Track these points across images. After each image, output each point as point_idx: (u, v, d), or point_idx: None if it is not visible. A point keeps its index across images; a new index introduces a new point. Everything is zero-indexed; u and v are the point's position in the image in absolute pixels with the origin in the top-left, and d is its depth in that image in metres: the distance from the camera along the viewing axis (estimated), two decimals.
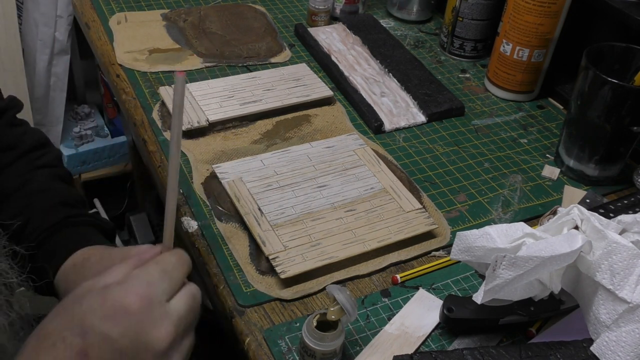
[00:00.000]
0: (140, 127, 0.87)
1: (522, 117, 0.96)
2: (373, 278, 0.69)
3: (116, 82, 0.94)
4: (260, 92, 0.92)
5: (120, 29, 1.04)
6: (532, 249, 0.55)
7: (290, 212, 0.73)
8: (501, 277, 0.54)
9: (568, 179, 0.85)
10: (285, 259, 0.67)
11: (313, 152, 0.82)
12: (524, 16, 0.91)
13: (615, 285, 0.53)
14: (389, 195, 0.77)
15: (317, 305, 0.65)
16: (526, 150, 0.89)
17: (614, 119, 0.77)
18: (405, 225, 0.73)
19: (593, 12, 0.94)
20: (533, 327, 0.64)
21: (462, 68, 1.06)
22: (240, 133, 0.87)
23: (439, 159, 0.86)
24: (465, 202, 0.80)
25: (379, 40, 1.07)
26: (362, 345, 0.62)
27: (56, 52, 1.39)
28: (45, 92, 1.43)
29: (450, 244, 0.73)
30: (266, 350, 0.61)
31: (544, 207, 0.80)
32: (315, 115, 0.91)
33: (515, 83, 0.97)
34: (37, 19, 1.33)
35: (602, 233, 0.55)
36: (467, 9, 1.02)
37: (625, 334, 0.54)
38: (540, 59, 0.94)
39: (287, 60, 1.03)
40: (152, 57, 0.99)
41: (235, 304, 0.65)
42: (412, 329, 0.63)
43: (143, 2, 1.13)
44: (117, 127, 1.59)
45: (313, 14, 1.10)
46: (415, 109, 0.94)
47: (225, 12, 1.12)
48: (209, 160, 0.81)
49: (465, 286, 0.69)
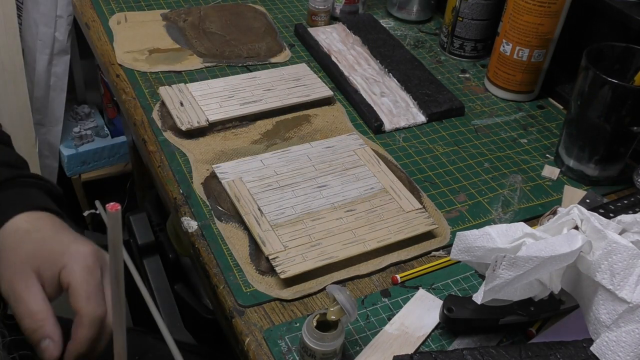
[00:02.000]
0: (140, 127, 0.87)
1: (522, 117, 0.96)
2: (373, 278, 0.69)
3: (116, 82, 0.94)
4: (260, 92, 0.92)
5: (120, 29, 1.04)
6: (532, 249, 0.55)
7: (290, 212, 0.73)
8: (501, 277, 0.54)
9: (568, 179, 0.85)
10: (285, 259, 0.67)
11: (313, 152, 0.82)
12: (524, 16, 0.91)
13: (615, 285, 0.53)
14: (389, 195, 0.76)
15: (317, 305, 0.65)
16: (526, 150, 0.89)
17: (614, 119, 0.77)
18: (405, 225, 0.73)
19: (593, 12, 0.94)
20: (533, 327, 0.64)
21: (462, 68, 1.06)
22: (240, 133, 0.87)
23: (439, 159, 0.86)
24: (465, 202, 0.80)
25: (379, 40, 1.07)
26: (362, 345, 0.62)
27: (56, 52, 1.39)
28: (45, 92, 1.43)
29: (450, 244, 0.73)
30: (266, 350, 0.61)
31: (544, 207, 0.80)
32: (315, 115, 0.91)
33: (515, 83, 0.97)
34: (37, 19, 1.33)
35: (602, 233, 0.55)
36: (467, 9, 1.02)
37: (625, 334, 0.54)
38: (540, 59, 0.94)
39: (287, 60, 1.03)
40: (152, 57, 0.99)
41: (235, 304, 0.65)
42: (412, 329, 0.63)
43: (143, 2, 1.13)
44: (117, 127, 1.59)
45: (313, 14, 1.10)
46: (415, 109, 0.94)
47: (225, 12, 1.12)
48: (209, 160, 0.81)
49: (465, 286, 0.69)
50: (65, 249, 0.53)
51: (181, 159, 0.81)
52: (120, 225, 0.41)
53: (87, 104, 1.61)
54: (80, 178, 1.57)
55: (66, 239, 0.55)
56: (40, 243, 0.54)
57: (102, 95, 1.58)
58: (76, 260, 0.52)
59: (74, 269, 0.52)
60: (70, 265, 0.52)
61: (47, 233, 0.55)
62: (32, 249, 0.53)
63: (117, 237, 0.41)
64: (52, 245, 0.54)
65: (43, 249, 0.53)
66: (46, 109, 1.45)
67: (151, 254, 1.20)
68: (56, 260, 0.52)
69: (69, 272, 0.52)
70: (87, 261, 0.53)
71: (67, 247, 0.53)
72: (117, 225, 0.40)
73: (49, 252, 0.53)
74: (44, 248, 0.54)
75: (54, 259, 0.53)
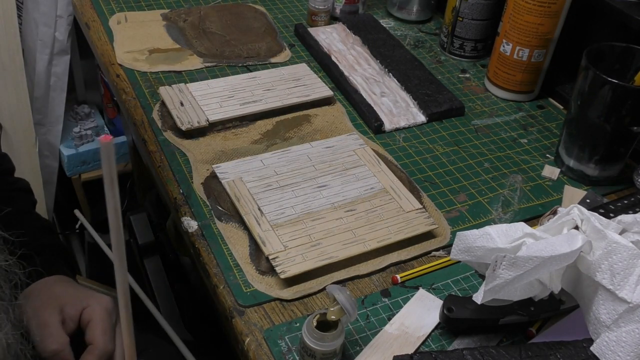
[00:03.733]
0: (140, 127, 0.87)
1: (522, 117, 0.96)
2: (373, 278, 0.69)
3: (116, 82, 0.94)
4: (260, 92, 0.92)
5: (120, 29, 1.04)
6: (532, 249, 0.55)
7: (290, 212, 0.73)
8: (501, 277, 0.54)
9: (568, 179, 0.85)
10: (285, 259, 0.67)
11: (313, 152, 0.82)
12: (524, 16, 0.91)
13: (615, 285, 0.53)
14: (389, 195, 0.76)
15: (317, 305, 0.65)
16: (526, 150, 0.89)
17: (614, 119, 0.77)
18: (405, 225, 0.73)
19: (593, 12, 0.94)
20: (533, 327, 0.64)
21: (462, 68, 1.06)
22: (240, 133, 0.87)
23: (439, 159, 0.86)
24: (465, 202, 0.80)
25: (379, 40, 1.07)
26: (362, 345, 0.62)
27: (56, 52, 1.39)
28: (45, 92, 1.42)
29: (450, 244, 0.73)
30: (266, 350, 0.61)
31: (544, 207, 0.80)
32: (315, 115, 0.91)
33: (515, 83, 0.97)
34: (37, 19, 1.33)
35: (602, 233, 0.55)
36: (467, 9, 1.02)
37: (625, 334, 0.54)
38: (540, 59, 0.94)
39: (287, 60, 1.03)
40: (152, 57, 0.99)
41: (235, 304, 0.65)
42: (412, 329, 0.63)
43: (143, 2, 1.13)
44: (117, 127, 1.59)
45: (313, 14, 1.10)
46: (415, 109, 0.94)
47: (225, 12, 1.12)
48: (209, 160, 0.81)
49: (465, 286, 0.69)
50: (90, 294, 0.63)
51: (181, 159, 0.81)
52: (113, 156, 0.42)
53: (87, 104, 1.61)
54: (80, 178, 1.56)
55: (88, 290, 0.65)
56: (66, 288, 0.64)
57: (102, 95, 1.58)
58: (99, 302, 0.62)
59: (95, 308, 0.61)
60: (93, 306, 0.62)
61: (73, 285, 0.66)
62: (60, 292, 0.63)
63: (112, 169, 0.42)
64: (77, 291, 0.64)
65: (68, 292, 0.63)
66: (46, 109, 1.45)
67: (151, 254, 1.20)
68: (81, 301, 0.62)
69: (91, 310, 0.61)
70: (107, 305, 0.62)
71: (91, 293, 0.64)
72: (111, 156, 0.41)
73: (74, 295, 0.63)
74: (69, 291, 0.64)
75: (79, 300, 0.62)
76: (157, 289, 1.15)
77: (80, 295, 0.63)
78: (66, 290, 0.64)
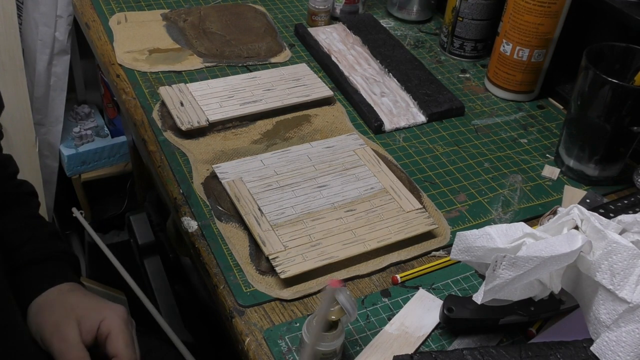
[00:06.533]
0: (140, 127, 0.87)
1: (522, 117, 0.96)
2: (373, 278, 0.69)
3: (116, 82, 0.94)
4: (260, 92, 0.92)
5: (120, 29, 1.04)
6: (532, 249, 0.55)
7: (290, 212, 0.73)
8: (501, 277, 0.54)
9: (568, 179, 0.85)
10: (285, 259, 0.67)
11: (313, 152, 0.82)
12: (524, 16, 0.91)
13: (615, 285, 0.53)
14: (389, 195, 0.76)
15: (317, 305, 0.65)
16: (526, 150, 0.89)
17: (614, 119, 0.77)
18: (405, 225, 0.73)
19: (593, 12, 0.94)
20: (533, 327, 0.64)
21: (462, 68, 1.06)
22: (240, 133, 0.87)
23: (439, 159, 0.86)
24: (465, 202, 0.80)
25: (379, 40, 1.07)
26: (362, 345, 0.62)
27: (56, 52, 1.39)
28: (45, 92, 1.42)
29: (450, 244, 0.73)
30: (266, 350, 0.61)
31: (544, 207, 0.80)
32: (315, 115, 0.91)
33: (515, 83, 0.97)
34: (37, 19, 1.33)
35: (602, 233, 0.55)
36: (467, 9, 1.02)
37: (625, 334, 0.54)
38: (540, 59, 0.94)
39: (287, 60, 1.03)
40: (152, 57, 0.99)
41: (235, 304, 0.65)
42: (412, 329, 0.63)
43: (143, 2, 1.13)
44: (117, 127, 1.59)
45: (313, 14, 1.10)
46: (415, 109, 0.94)
47: (225, 12, 1.12)
48: (209, 160, 0.81)
49: (465, 286, 0.69)
50: (104, 305, 0.64)
51: (181, 159, 0.81)
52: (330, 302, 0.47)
53: (87, 104, 1.61)
54: (80, 178, 1.56)
55: (101, 299, 0.66)
56: (81, 297, 0.65)
57: (102, 95, 1.58)
58: (115, 312, 0.63)
59: (113, 320, 0.62)
60: (110, 317, 0.62)
61: (85, 293, 0.67)
62: (75, 302, 0.64)
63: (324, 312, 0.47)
64: (92, 301, 0.64)
65: (83, 302, 0.64)
66: (46, 109, 1.45)
67: (151, 254, 1.20)
68: (97, 312, 0.63)
69: (109, 322, 0.62)
70: (123, 315, 0.63)
71: (106, 304, 0.64)
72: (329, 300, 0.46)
73: (89, 307, 0.63)
74: (84, 301, 0.64)
75: (95, 312, 0.63)
76: (157, 289, 1.15)
77: (95, 306, 0.64)
78: (81, 300, 0.64)
